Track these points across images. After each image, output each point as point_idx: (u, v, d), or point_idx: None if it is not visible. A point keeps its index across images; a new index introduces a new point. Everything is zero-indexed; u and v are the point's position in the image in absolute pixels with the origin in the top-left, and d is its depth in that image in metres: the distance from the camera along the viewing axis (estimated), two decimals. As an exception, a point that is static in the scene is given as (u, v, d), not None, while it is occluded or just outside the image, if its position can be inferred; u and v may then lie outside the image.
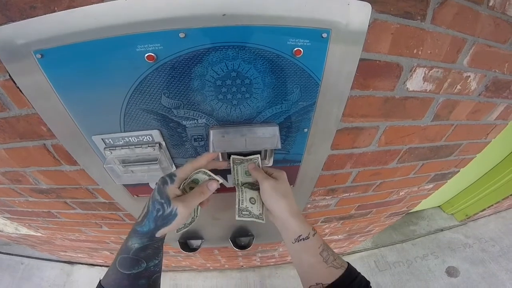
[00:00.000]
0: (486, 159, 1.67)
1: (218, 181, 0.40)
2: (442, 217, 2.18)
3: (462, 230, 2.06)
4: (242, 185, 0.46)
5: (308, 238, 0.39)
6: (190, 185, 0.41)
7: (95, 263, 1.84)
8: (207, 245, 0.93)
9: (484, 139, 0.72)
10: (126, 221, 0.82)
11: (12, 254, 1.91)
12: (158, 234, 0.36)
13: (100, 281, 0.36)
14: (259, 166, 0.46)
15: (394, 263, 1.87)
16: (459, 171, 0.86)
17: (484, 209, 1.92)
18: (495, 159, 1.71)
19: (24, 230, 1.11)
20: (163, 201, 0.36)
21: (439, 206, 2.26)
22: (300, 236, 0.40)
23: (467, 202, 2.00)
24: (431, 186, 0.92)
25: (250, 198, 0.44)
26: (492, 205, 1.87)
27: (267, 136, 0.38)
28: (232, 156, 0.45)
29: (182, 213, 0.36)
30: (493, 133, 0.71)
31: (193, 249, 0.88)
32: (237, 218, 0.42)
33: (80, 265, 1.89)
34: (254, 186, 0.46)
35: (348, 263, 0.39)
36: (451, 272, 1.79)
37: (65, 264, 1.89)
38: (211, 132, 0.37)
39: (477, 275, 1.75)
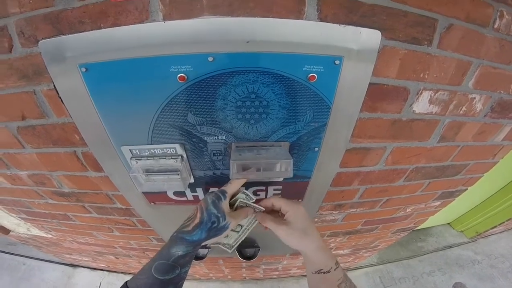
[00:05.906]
0: (497, 177, 1.63)
1: (261, 208, 0.46)
2: (451, 234, 2.12)
3: (472, 247, 2.00)
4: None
5: (328, 272, 0.40)
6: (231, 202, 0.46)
7: (98, 267, 1.84)
8: (213, 254, 0.93)
9: (491, 159, 0.72)
10: (138, 226, 0.84)
11: (15, 254, 1.92)
12: (204, 243, 0.41)
13: (126, 282, 0.36)
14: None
15: (400, 279, 1.81)
16: (467, 189, 0.86)
17: (495, 226, 1.86)
18: (506, 177, 1.68)
19: (35, 231, 1.14)
20: (219, 215, 0.40)
21: (448, 223, 2.20)
22: (321, 270, 0.41)
23: (478, 219, 1.94)
24: (438, 203, 0.91)
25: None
26: (503, 222, 1.81)
27: (283, 170, 0.43)
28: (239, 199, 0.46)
29: (231, 227, 0.42)
30: (501, 153, 0.70)
31: (200, 258, 0.88)
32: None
33: (82, 268, 1.89)
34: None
35: None
36: (458, 288, 1.72)
37: (67, 266, 1.89)
38: (234, 164, 0.42)
39: (484, 291, 1.68)
